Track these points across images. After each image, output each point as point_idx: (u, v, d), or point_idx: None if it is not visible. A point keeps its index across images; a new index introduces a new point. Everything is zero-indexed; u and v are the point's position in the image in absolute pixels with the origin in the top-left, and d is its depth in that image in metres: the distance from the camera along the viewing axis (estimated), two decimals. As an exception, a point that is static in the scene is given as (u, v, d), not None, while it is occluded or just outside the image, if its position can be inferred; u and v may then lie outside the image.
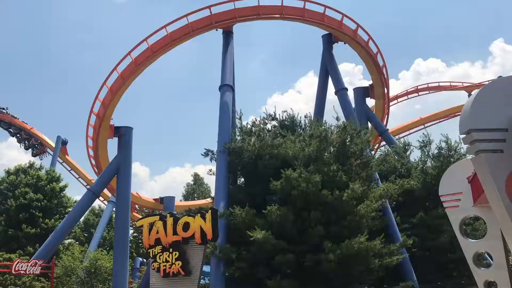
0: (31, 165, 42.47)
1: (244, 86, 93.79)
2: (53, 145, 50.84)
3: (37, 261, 24.65)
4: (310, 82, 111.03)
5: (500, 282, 12.42)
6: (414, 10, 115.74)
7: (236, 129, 25.09)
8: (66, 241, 39.68)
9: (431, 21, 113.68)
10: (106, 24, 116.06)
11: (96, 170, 31.73)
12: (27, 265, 24.22)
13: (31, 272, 24.65)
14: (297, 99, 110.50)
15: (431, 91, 53.93)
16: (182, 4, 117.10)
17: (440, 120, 51.26)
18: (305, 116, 25.99)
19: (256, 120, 25.22)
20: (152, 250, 16.43)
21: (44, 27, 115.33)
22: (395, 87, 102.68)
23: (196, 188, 67.07)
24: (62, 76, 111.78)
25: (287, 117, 25.61)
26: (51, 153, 51.08)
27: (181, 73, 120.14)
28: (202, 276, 18.36)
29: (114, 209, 37.48)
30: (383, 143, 34.68)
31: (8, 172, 41.69)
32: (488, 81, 38.27)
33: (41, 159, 51.84)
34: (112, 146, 29.45)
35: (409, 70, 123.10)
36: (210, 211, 15.95)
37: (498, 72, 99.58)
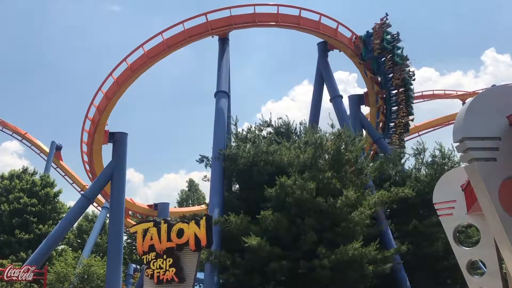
0: (25, 170, 42.33)
1: (238, 93, 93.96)
2: (48, 150, 50.64)
3: (29, 267, 24.48)
4: (304, 90, 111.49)
5: (493, 290, 12.45)
6: (406, 20, 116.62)
7: (231, 136, 25.11)
8: (59, 247, 39.47)
9: (424, 30, 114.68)
10: (102, 31, 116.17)
11: (91, 176, 31.62)
12: (20, 271, 24.04)
13: (24, 279, 24.46)
14: (291, 106, 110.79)
15: (425, 99, 54.17)
16: (178, 12, 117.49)
17: (434, 128, 51.49)
18: (300, 123, 26.12)
19: (252, 127, 25.30)
20: (146, 257, 16.37)
21: (41, 33, 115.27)
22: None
23: (190, 194, 66.94)
24: (58, 82, 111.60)
25: (282, 124, 25.69)
26: (46, 158, 50.85)
27: (176, 79, 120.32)
28: (196, 283, 18.31)
29: (108, 215, 37.33)
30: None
31: (2, 177, 41.51)
32: (482, 89, 38.53)
33: None
34: (106, 152, 29.43)
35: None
36: (204, 217, 15.92)
37: (490, 81, 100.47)
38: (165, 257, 15.93)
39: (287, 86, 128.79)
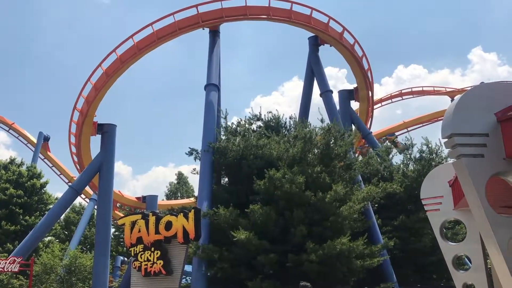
0: (12, 161, 41.88)
1: (228, 88, 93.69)
2: (35, 141, 50.14)
3: (15, 258, 24.24)
4: (294, 85, 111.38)
5: (478, 285, 12.62)
6: (395, 18, 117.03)
7: (221, 129, 25.04)
8: (46, 239, 39.19)
9: (413, 28, 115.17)
10: (92, 24, 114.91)
11: (79, 167, 31.38)
12: (5, 263, 23.80)
13: (9, 270, 24.24)
14: (280, 101, 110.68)
15: (414, 95, 54.60)
16: (169, 4, 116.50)
17: (423, 124, 51.91)
18: (290, 118, 26.12)
19: (241, 120, 25.25)
20: (134, 249, 16.31)
21: (30, 24, 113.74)
22: (377, 93, 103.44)
23: (179, 187, 66.74)
24: (46, 72, 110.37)
25: (272, 118, 25.67)
26: (33, 149, 50.36)
27: (166, 72, 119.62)
28: (183, 276, 18.30)
29: (95, 207, 37.07)
30: (366, 145, 34.93)
31: (-12, 168, 41.00)
32: (471, 87, 38.82)
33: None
34: (95, 144, 29.20)
35: (391, 76, 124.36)
36: (193, 210, 15.89)
37: (476, 79, 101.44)
38: (153, 249, 15.88)
39: (276, 81, 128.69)
